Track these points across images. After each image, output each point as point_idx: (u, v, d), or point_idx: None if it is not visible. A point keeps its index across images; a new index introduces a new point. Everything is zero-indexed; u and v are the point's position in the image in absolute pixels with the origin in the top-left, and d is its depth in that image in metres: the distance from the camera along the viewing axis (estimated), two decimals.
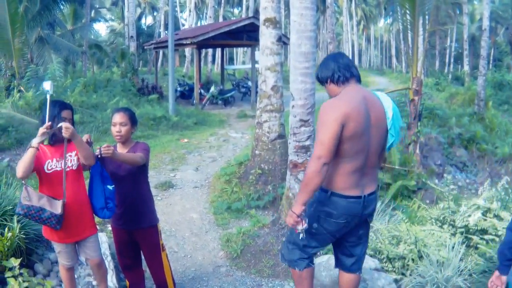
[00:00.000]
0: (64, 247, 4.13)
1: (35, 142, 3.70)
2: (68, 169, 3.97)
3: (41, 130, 3.71)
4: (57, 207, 3.83)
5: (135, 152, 4.27)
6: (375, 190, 3.59)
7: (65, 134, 3.72)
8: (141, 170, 4.43)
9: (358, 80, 3.56)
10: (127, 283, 4.88)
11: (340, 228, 3.55)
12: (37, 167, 3.86)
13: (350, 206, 3.45)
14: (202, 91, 22.75)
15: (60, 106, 3.96)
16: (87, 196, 4.15)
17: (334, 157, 3.32)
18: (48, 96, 3.90)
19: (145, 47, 31.52)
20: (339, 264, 3.90)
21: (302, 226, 3.41)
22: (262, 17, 8.57)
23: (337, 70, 3.51)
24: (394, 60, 73.54)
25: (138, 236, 4.55)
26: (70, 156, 4.01)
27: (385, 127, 3.47)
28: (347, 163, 3.39)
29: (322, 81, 3.65)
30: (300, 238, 3.57)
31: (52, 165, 3.95)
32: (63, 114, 3.91)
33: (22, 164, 3.67)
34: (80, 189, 4.09)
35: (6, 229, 4.80)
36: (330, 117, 3.25)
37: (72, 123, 4.01)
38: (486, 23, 19.48)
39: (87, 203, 4.12)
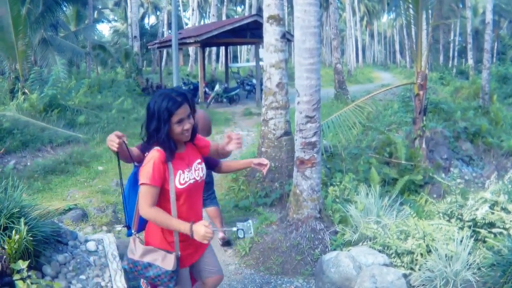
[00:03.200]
0: (185, 273, 3.40)
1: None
2: (200, 179, 3.32)
3: None
4: (169, 262, 3.10)
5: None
6: None
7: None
8: None
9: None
10: None
11: None
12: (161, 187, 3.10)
13: None
14: (206, 89, 22.80)
15: (173, 105, 3.00)
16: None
17: None
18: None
19: (148, 47, 31.62)
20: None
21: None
22: (265, 14, 8.56)
23: None
24: (398, 55, 73.53)
25: None
26: (200, 164, 3.37)
27: None
28: None
29: None
30: None
31: (184, 177, 3.18)
32: (177, 115, 3.03)
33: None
34: (201, 202, 3.51)
35: (14, 231, 4.80)
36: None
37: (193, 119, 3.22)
38: (489, 17, 19.40)
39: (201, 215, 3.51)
